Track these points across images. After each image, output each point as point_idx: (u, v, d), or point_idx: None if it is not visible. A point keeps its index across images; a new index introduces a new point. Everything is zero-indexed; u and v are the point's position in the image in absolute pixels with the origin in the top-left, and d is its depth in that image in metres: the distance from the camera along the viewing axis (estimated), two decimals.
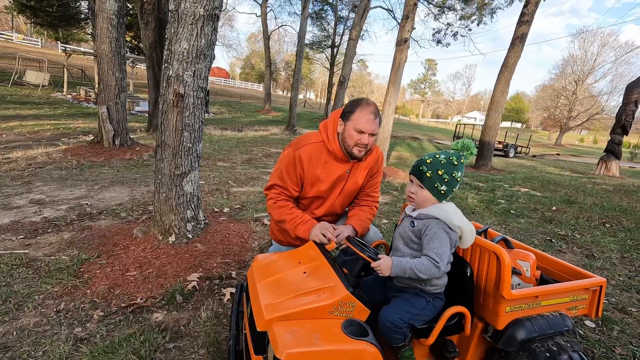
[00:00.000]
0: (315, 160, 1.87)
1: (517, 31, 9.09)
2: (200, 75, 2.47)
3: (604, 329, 2.22)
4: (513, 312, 1.36)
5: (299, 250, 1.61)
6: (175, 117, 2.50)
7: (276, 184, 1.89)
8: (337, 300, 1.22)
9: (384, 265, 1.32)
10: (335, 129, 1.87)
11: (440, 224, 1.34)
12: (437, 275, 1.32)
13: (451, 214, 1.36)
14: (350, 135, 1.78)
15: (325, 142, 1.88)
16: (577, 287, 1.43)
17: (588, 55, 39.31)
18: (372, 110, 1.78)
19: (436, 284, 1.40)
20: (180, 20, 2.30)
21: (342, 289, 1.24)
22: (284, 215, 1.83)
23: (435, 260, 1.29)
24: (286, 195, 1.89)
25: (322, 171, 1.88)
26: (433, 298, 1.41)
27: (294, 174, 1.86)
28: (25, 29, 42.89)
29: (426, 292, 1.41)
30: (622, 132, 10.63)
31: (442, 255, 1.31)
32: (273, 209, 1.88)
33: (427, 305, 1.40)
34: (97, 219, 3.74)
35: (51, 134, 9.85)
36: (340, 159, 1.89)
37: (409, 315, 1.35)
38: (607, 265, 3.25)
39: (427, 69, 74.63)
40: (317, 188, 1.91)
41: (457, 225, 1.34)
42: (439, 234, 1.33)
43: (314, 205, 1.97)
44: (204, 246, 2.98)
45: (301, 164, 1.85)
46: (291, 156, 1.85)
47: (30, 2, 21.71)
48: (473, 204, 5.33)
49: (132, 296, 2.30)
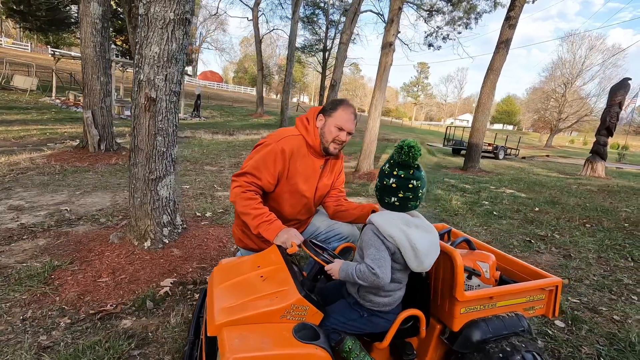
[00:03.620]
0: (297, 153, 1.85)
1: (502, 35, 9.21)
2: (172, 79, 2.47)
3: (573, 329, 2.24)
4: (468, 313, 1.37)
5: (261, 254, 1.61)
6: (148, 122, 2.49)
7: (250, 172, 1.79)
8: (289, 304, 1.22)
9: (334, 269, 1.31)
10: (314, 123, 1.89)
11: (375, 230, 1.28)
12: (378, 283, 1.22)
13: (387, 223, 1.26)
14: (330, 131, 1.82)
15: (304, 135, 1.87)
16: (532, 287, 1.45)
17: (576, 58, 40.00)
18: (353, 111, 1.86)
19: (372, 301, 1.32)
20: (151, 25, 2.30)
21: (295, 292, 1.24)
22: (249, 209, 1.73)
23: (372, 267, 1.21)
24: (257, 187, 1.80)
25: (302, 165, 1.87)
26: (369, 314, 1.34)
27: (273, 167, 1.80)
28: (15, 33, 42.51)
29: (362, 306, 1.35)
30: (607, 133, 10.80)
31: (380, 261, 1.22)
32: (240, 197, 1.76)
33: (360, 319, 1.34)
34: (75, 224, 3.70)
35: (37, 139, 9.73)
36: (317, 153, 1.90)
37: (336, 321, 1.33)
38: (582, 265, 3.29)
39: (419, 72, 75.26)
40: (295, 182, 1.88)
41: (389, 235, 1.24)
42: (373, 240, 1.26)
43: (289, 202, 1.93)
44: (180, 251, 2.96)
45: (283, 157, 1.80)
46: (272, 147, 1.80)
47: (19, 6, 21.52)
48: (457, 205, 5.37)
49: (102, 303, 2.27)
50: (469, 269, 1.55)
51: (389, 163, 1.33)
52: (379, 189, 1.34)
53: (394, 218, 1.28)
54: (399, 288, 1.35)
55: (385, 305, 1.34)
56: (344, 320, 1.33)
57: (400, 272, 1.32)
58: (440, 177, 8.23)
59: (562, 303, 2.49)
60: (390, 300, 1.34)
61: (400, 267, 1.30)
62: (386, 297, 1.33)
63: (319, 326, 1.27)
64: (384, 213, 1.33)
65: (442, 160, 14.01)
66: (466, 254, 1.63)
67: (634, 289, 2.87)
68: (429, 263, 1.28)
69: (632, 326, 2.28)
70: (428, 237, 1.29)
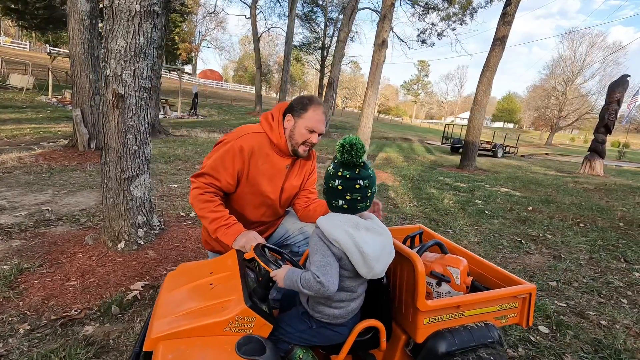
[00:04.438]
0: (258, 151, 1.73)
1: (498, 32, 9.09)
2: (141, 75, 2.37)
3: (557, 335, 2.15)
4: (433, 323, 1.28)
5: (219, 259, 1.52)
6: (117, 119, 2.40)
7: (208, 172, 1.68)
8: (233, 315, 1.12)
9: (279, 276, 1.21)
10: (280, 120, 1.77)
11: (320, 235, 1.18)
12: (323, 292, 1.12)
13: (332, 226, 1.15)
14: (301, 134, 1.71)
15: (268, 133, 1.76)
16: (503, 295, 1.35)
17: (577, 55, 39.75)
18: (323, 111, 1.74)
19: (322, 312, 1.23)
20: (116, 17, 2.20)
21: (240, 302, 1.15)
22: (207, 212, 1.63)
23: (317, 275, 1.11)
24: (215, 188, 1.70)
25: (264, 164, 1.76)
26: (318, 326, 1.25)
27: (232, 167, 1.69)
28: (14, 32, 42.44)
29: (310, 317, 1.26)
30: (605, 131, 10.68)
31: (325, 268, 1.12)
32: (197, 200, 1.65)
33: (309, 330, 1.25)
34: (54, 225, 3.61)
35: (30, 138, 9.64)
36: (282, 152, 1.78)
37: (285, 332, 1.24)
38: (572, 267, 3.19)
39: (419, 71, 75.03)
40: (257, 182, 1.77)
41: (334, 239, 1.13)
42: (319, 245, 1.16)
43: (253, 204, 1.83)
44: (155, 253, 2.87)
45: (242, 155, 1.69)
46: (230, 146, 1.69)
47: (16, 4, 21.39)
48: (448, 204, 5.27)
49: (66, 308, 2.18)
50: (437, 275, 1.46)
51: (334, 163, 1.23)
52: (326, 193, 1.24)
53: (341, 221, 1.17)
54: (352, 298, 1.24)
55: (337, 317, 1.24)
56: (292, 331, 1.25)
57: (351, 279, 1.21)
58: (434, 176, 8.13)
59: (547, 307, 2.40)
60: (342, 313, 1.23)
61: (350, 274, 1.20)
62: (337, 309, 1.23)
63: (268, 338, 1.17)
64: (331, 216, 1.22)
65: (439, 158, 13.88)
66: (437, 258, 1.54)
67: (624, 292, 2.78)
68: (380, 269, 1.18)
69: (619, 332, 2.18)
70: (379, 240, 1.19)
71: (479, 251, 3.45)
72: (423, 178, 7.66)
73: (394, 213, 4.68)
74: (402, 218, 4.49)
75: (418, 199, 5.56)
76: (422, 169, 9.50)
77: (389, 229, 1.97)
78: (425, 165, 10.72)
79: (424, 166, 10.49)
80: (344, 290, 1.21)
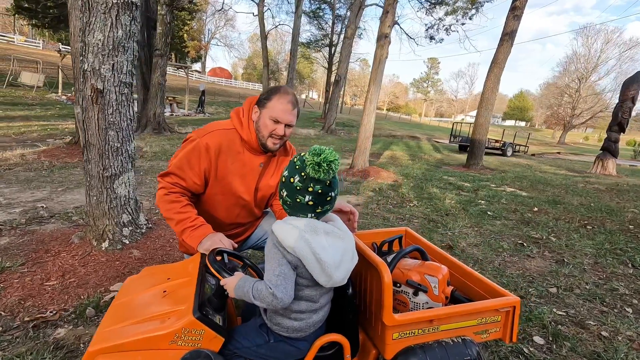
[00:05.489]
0: (226, 149, 1.63)
1: (506, 26, 8.83)
2: (121, 69, 2.30)
3: (553, 346, 2.01)
4: (403, 339, 1.17)
5: (181, 263, 1.43)
6: (97, 115, 2.33)
7: (173, 172, 1.59)
8: (179, 327, 1.04)
9: (229, 285, 1.11)
10: (250, 115, 1.66)
11: (275, 241, 1.08)
12: (275, 305, 1.04)
13: (287, 232, 1.05)
14: (265, 125, 1.59)
15: (238, 129, 1.65)
16: (483, 308, 1.23)
17: (592, 52, 38.72)
18: (290, 100, 1.59)
19: (281, 325, 1.13)
20: (92, 9, 2.13)
21: (188, 313, 1.06)
22: (172, 213, 1.54)
23: (269, 286, 1.03)
24: (181, 188, 1.60)
25: (234, 162, 1.66)
26: (276, 340, 1.15)
27: (198, 165, 1.59)
28: (28, 31, 43.19)
29: (269, 329, 1.17)
30: (619, 129, 10.33)
31: (279, 278, 1.03)
32: (163, 201, 1.57)
33: (266, 345, 1.15)
34: (46, 222, 3.59)
35: (37, 135, 9.75)
36: (254, 149, 1.67)
37: (239, 345, 1.15)
38: (575, 272, 3.03)
39: (429, 68, 74.17)
40: (228, 182, 1.67)
41: (289, 246, 1.04)
42: (273, 253, 1.06)
43: (225, 205, 1.73)
44: (140, 252, 2.81)
45: (208, 154, 1.59)
46: (196, 143, 1.59)
47: (30, 4, 21.68)
48: (450, 205, 5.11)
49: (42, 309, 2.13)
50: (414, 284, 1.35)
51: (300, 176, 1.09)
52: (292, 207, 1.12)
53: (297, 226, 1.06)
54: (314, 309, 1.14)
55: (296, 330, 1.14)
56: (249, 345, 1.15)
57: (310, 288, 1.11)
58: (438, 175, 7.95)
59: (544, 316, 2.26)
60: (303, 325, 1.13)
61: (308, 283, 1.10)
62: (297, 321, 1.13)
63: (220, 352, 1.08)
64: (288, 220, 1.11)
65: (446, 157, 13.65)
66: (416, 265, 1.43)
67: (629, 300, 2.62)
68: (341, 277, 1.07)
69: (620, 345, 2.04)
70: (339, 245, 1.09)
71: (476, 254, 3.31)
72: (426, 177, 7.49)
73: (392, 213, 4.56)
74: (400, 218, 4.37)
75: (419, 198, 5.42)
76: (426, 168, 9.32)
77: (372, 231, 1.87)
78: (430, 164, 10.53)
79: (430, 165, 10.30)
80: (303, 300, 1.11)
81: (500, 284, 2.74)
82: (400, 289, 1.40)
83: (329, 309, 1.20)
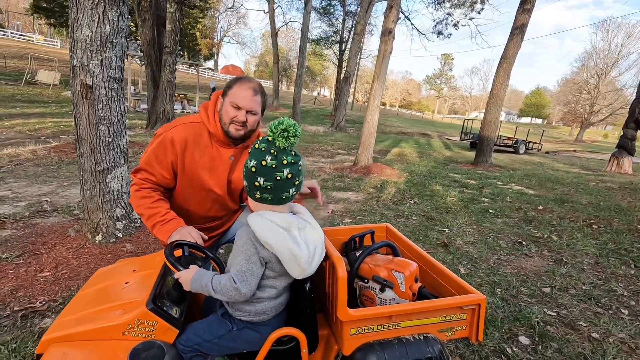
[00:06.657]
0: (193, 143, 1.64)
1: (517, 20, 8.60)
2: (110, 65, 2.33)
3: (538, 347, 1.96)
4: (361, 334, 1.16)
5: (150, 256, 1.45)
6: (87, 110, 2.38)
7: (142, 168, 1.61)
8: (131, 318, 1.05)
9: (184, 278, 1.11)
10: (215, 107, 1.67)
11: (251, 235, 1.07)
12: (237, 299, 1.06)
13: (265, 227, 1.05)
14: (227, 112, 1.59)
15: (205, 122, 1.65)
16: (445, 305, 1.21)
17: (612, 47, 37.42)
18: (251, 86, 1.58)
19: (243, 309, 1.14)
20: (79, 4, 2.17)
21: (142, 304, 1.07)
22: (143, 209, 1.54)
23: (234, 280, 1.03)
24: (152, 183, 1.61)
25: (202, 156, 1.66)
26: (240, 327, 1.15)
27: (164, 159, 1.61)
28: (46, 30, 44.34)
29: (232, 317, 1.16)
30: (635, 126, 9.98)
31: (246, 274, 1.04)
32: (134, 197, 1.58)
33: (229, 334, 1.15)
34: (48, 216, 3.69)
35: (51, 132, 10.02)
36: (223, 142, 1.68)
37: (200, 339, 1.15)
38: (573, 272, 2.95)
39: (443, 64, 73.05)
40: (196, 176, 1.68)
41: (265, 241, 1.04)
42: (247, 247, 1.06)
43: (196, 199, 1.74)
44: (133, 246, 2.86)
45: (173, 148, 1.60)
46: (162, 138, 1.61)
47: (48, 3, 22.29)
48: (451, 202, 5.04)
49: (32, 299, 2.19)
50: (380, 280, 1.33)
51: (271, 155, 1.08)
52: (274, 190, 1.09)
53: (274, 220, 1.07)
54: (275, 295, 1.15)
55: (259, 313, 1.14)
56: (210, 338, 1.15)
57: (277, 279, 1.13)
58: (444, 172, 7.83)
59: (533, 316, 2.20)
60: (265, 307, 1.14)
61: (275, 275, 1.12)
62: (259, 304, 1.14)
63: (174, 344, 1.09)
64: (265, 214, 1.10)
65: (456, 154, 13.43)
66: (385, 261, 1.41)
67: (626, 301, 2.53)
68: (313, 269, 1.11)
69: (610, 347, 1.97)
70: (312, 239, 1.13)
71: (471, 252, 3.25)
72: (432, 174, 7.39)
73: (391, 210, 4.51)
74: (399, 216, 4.32)
75: (420, 195, 5.35)
76: (433, 165, 9.19)
77: (350, 227, 1.85)
78: (438, 162, 10.38)
79: (437, 162, 10.16)
80: (267, 287, 1.13)
81: (492, 282, 2.69)
82: (368, 285, 1.38)
83: (288, 293, 1.22)
